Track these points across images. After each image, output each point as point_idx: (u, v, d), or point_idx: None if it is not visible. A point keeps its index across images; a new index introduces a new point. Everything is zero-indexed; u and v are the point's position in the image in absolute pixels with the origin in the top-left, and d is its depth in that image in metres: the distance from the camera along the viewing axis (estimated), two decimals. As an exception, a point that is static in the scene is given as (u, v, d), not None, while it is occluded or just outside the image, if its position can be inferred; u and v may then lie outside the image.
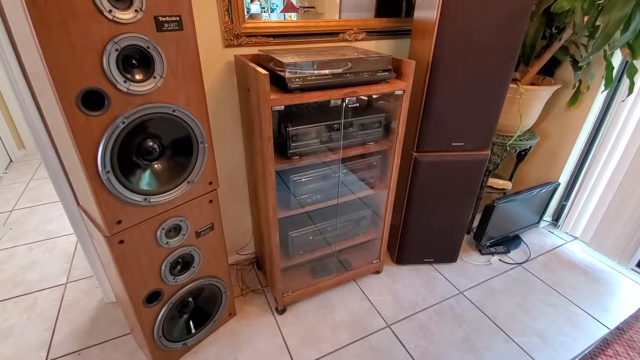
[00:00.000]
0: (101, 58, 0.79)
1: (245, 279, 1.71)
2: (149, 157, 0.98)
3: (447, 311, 1.55)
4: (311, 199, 1.35)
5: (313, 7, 1.43)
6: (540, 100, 1.67)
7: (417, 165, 1.48)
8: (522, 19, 1.22)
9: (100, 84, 0.80)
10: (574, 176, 1.97)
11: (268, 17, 1.35)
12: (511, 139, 1.69)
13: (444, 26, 1.21)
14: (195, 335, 1.34)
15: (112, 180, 0.89)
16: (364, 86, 1.18)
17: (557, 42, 1.58)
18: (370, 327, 1.48)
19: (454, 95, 1.34)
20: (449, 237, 1.72)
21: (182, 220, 1.11)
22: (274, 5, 1.36)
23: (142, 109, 0.88)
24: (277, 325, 1.47)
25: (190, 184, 1.08)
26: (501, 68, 1.30)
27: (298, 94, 1.08)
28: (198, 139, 1.04)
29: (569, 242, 2.02)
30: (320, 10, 1.44)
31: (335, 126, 1.25)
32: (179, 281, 1.19)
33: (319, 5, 1.43)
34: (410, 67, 1.21)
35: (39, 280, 1.70)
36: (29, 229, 2.08)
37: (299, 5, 1.39)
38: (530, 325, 1.51)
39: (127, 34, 0.81)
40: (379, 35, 1.56)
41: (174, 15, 0.88)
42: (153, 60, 0.88)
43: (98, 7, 0.75)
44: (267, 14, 1.35)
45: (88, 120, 0.81)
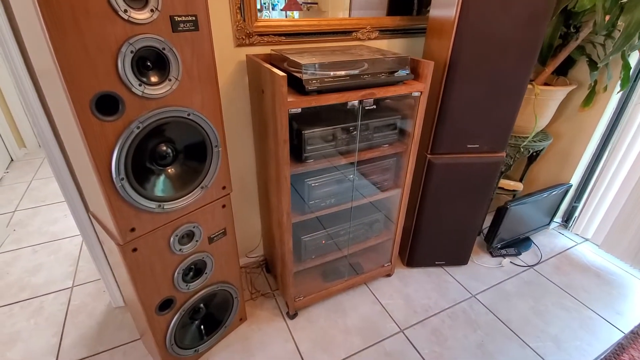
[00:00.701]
0: (116, 60, 0.75)
1: (255, 283, 1.68)
2: (162, 162, 0.94)
3: (460, 315, 1.54)
4: (325, 203, 1.32)
5: (316, 2, 1.38)
6: (555, 101, 1.63)
7: (431, 167, 1.45)
8: (544, 17, 1.19)
9: (115, 87, 0.77)
10: (585, 177, 1.94)
11: (269, 15, 1.31)
12: (525, 140, 1.66)
13: (463, 25, 1.17)
14: (207, 342, 1.32)
15: (126, 187, 0.85)
16: (381, 87, 1.15)
17: (574, 42, 1.55)
18: (383, 332, 1.45)
19: (471, 95, 1.31)
20: (460, 240, 1.70)
21: (195, 226, 1.08)
22: (275, 1, 1.31)
23: (157, 113, 0.85)
24: (288, 330, 1.45)
25: (204, 189, 1.05)
26: (520, 68, 1.27)
27: (315, 96, 1.05)
28: (212, 143, 1.01)
29: (580, 244, 2.00)
30: (323, 8, 1.39)
31: (350, 128, 1.22)
32: (192, 288, 1.16)
33: (322, 2, 1.38)
34: (428, 68, 1.18)
35: (44, 284, 1.67)
36: (33, 230, 2.05)
37: (302, 1, 1.34)
38: (544, 330, 1.49)
39: (142, 35, 0.77)
40: (392, 34, 1.52)
41: (189, 15, 0.84)
42: (168, 62, 0.84)
43: (113, 7, 0.72)
44: (269, 12, 1.30)
45: (102, 126, 0.78)
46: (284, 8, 1.33)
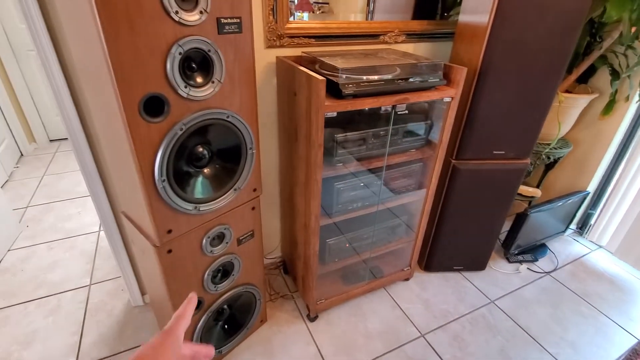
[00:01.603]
0: (165, 62, 0.74)
1: (273, 284, 1.68)
2: (198, 163, 0.94)
3: (480, 321, 1.54)
4: (351, 206, 1.32)
5: (327, 2, 1.36)
6: (577, 109, 1.64)
7: (456, 173, 1.45)
8: (577, 25, 1.19)
9: (162, 89, 0.76)
10: (602, 185, 1.95)
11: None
12: (546, 147, 1.67)
13: (496, 31, 1.17)
14: (230, 343, 1.31)
15: (167, 189, 0.85)
16: (415, 92, 1.14)
17: (598, 51, 1.56)
18: (404, 336, 1.45)
19: (500, 102, 1.31)
20: (479, 245, 1.70)
21: (226, 227, 1.08)
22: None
23: (200, 115, 0.84)
24: (309, 332, 1.45)
25: (237, 191, 1.04)
26: (550, 76, 1.27)
27: (351, 100, 1.05)
28: (247, 145, 1.01)
29: (594, 251, 2.01)
30: (335, 10, 1.38)
31: (381, 133, 1.22)
32: (219, 289, 1.16)
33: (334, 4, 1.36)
34: (461, 74, 1.18)
35: (61, 282, 1.66)
36: (47, 226, 2.03)
37: (313, 0, 1.33)
38: (563, 336, 1.50)
39: (191, 37, 0.76)
40: (419, 38, 1.52)
41: (235, 17, 0.83)
42: (212, 64, 0.83)
43: (165, 8, 0.71)
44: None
45: (148, 127, 0.77)
46: (295, 8, 1.31)
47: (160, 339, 0.38)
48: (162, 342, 0.37)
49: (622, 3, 1.32)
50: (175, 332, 0.39)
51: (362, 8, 1.43)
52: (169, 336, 0.38)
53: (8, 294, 1.59)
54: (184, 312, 0.42)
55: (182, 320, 0.41)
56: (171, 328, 0.40)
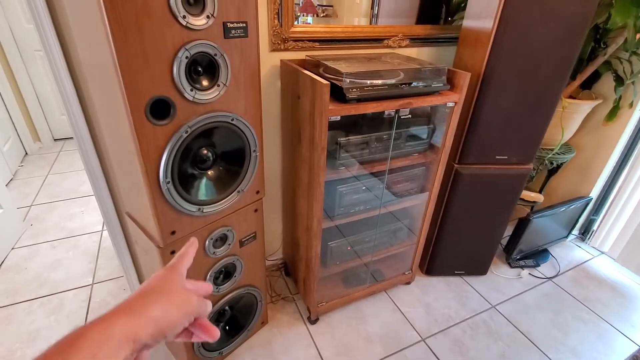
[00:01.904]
0: (171, 65, 0.75)
1: (274, 286, 1.68)
2: (202, 165, 0.95)
3: (481, 326, 1.54)
4: (354, 209, 1.32)
5: (331, 5, 1.37)
6: (580, 114, 1.64)
7: (458, 177, 1.45)
8: (581, 32, 1.19)
9: (168, 92, 0.77)
10: (605, 191, 1.95)
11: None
12: (549, 152, 1.67)
13: (500, 37, 1.18)
14: (231, 344, 1.32)
15: (172, 191, 0.86)
16: (418, 97, 1.15)
17: (602, 57, 1.56)
18: (404, 340, 1.45)
19: (504, 107, 1.31)
20: (481, 250, 1.70)
21: (229, 229, 1.09)
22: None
23: (205, 118, 0.85)
24: (310, 335, 1.45)
25: (240, 194, 1.05)
26: (554, 81, 1.27)
27: (354, 105, 1.05)
28: (251, 148, 1.01)
29: (596, 257, 2.00)
30: (339, 13, 1.38)
31: (384, 137, 1.22)
32: (221, 291, 1.16)
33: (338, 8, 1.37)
34: (464, 79, 1.18)
35: (64, 280, 1.67)
36: (50, 225, 2.05)
37: (317, 3, 1.33)
38: (564, 342, 1.50)
39: (198, 41, 0.77)
40: (422, 42, 1.52)
41: (241, 22, 0.84)
42: (218, 68, 0.84)
43: (173, 12, 0.72)
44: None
45: (154, 130, 0.78)
46: (299, 10, 1.32)
47: (165, 272, 0.39)
48: (167, 275, 0.39)
49: (627, 9, 1.32)
50: (179, 269, 0.40)
51: (366, 12, 1.44)
52: (173, 271, 0.39)
53: (12, 292, 1.61)
54: (186, 252, 0.43)
55: (185, 259, 0.42)
56: (174, 265, 0.41)
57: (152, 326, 0.32)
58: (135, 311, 0.33)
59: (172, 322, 0.35)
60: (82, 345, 0.28)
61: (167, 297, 0.36)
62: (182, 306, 0.36)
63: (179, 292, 0.37)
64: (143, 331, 0.31)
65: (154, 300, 0.34)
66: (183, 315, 0.36)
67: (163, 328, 0.33)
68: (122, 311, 0.32)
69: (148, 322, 0.32)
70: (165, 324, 0.34)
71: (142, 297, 0.35)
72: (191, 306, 0.37)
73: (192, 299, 0.37)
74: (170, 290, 0.37)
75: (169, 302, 0.35)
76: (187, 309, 0.36)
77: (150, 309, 0.33)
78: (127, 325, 0.31)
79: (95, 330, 0.29)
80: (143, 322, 0.32)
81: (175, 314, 0.35)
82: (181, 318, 0.36)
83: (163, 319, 0.34)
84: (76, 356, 0.27)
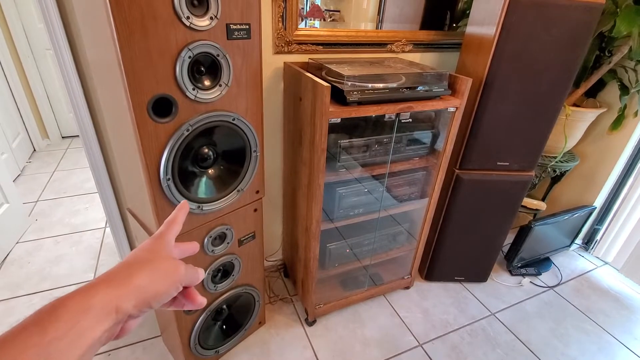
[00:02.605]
0: (174, 65, 0.77)
1: (273, 287, 1.69)
2: (203, 164, 0.96)
3: (479, 333, 1.52)
4: (353, 212, 1.33)
5: (338, 10, 1.39)
6: (584, 122, 1.63)
7: (459, 182, 1.45)
8: (584, 40, 1.19)
9: (171, 91, 0.79)
10: (609, 201, 1.93)
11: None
12: (552, 160, 1.66)
13: (503, 43, 1.18)
14: (228, 343, 1.32)
15: (172, 188, 0.87)
16: (419, 101, 1.16)
17: (607, 65, 1.55)
18: (401, 345, 1.45)
19: (505, 113, 1.31)
20: (481, 257, 1.69)
21: (228, 228, 1.10)
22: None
23: (206, 117, 0.87)
24: (307, 337, 1.45)
25: (240, 193, 1.06)
26: (556, 89, 1.27)
27: (355, 107, 1.06)
28: (252, 148, 1.03)
29: (600, 267, 1.98)
30: (346, 18, 1.40)
31: (384, 140, 1.23)
32: (219, 289, 1.17)
33: (345, 12, 1.38)
34: (466, 84, 1.19)
35: (66, 275, 1.69)
36: (55, 221, 2.08)
37: (324, 8, 1.35)
38: (564, 352, 1.48)
39: (200, 41, 0.79)
40: (426, 47, 1.53)
41: (244, 24, 0.86)
42: (221, 68, 0.86)
43: (177, 13, 0.74)
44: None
45: (156, 127, 0.79)
46: (306, 15, 1.34)
47: (152, 241, 0.38)
48: (153, 244, 0.37)
49: (631, 18, 1.32)
50: (166, 237, 0.39)
51: (372, 17, 1.45)
52: (160, 240, 0.38)
53: (14, 285, 1.63)
54: (175, 218, 0.41)
55: (174, 225, 0.41)
56: (162, 233, 0.39)
57: (135, 296, 0.31)
58: (118, 281, 0.31)
59: (158, 292, 0.33)
60: (61, 315, 0.27)
61: (152, 266, 0.34)
62: (168, 275, 0.35)
63: (165, 261, 0.36)
64: (126, 301, 0.31)
65: (138, 270, 0.33)
66: (170, 285, 0.35)
67: (148, 298, 0.32)
68: (103, 282, 0.31)
69: (131, 292, 0.31)
70: (150, 294, 0.33)
71: (125, 267, 0.33)
72: (178, 274, 0.35)
73: (180, 268, 0.36)
74: (156, 259, 0.35)
75: (154, 271, 0.34)
76: (174, 277, 0.35)
77: (134, 279, 0.32)
78: (108, 295, 0.30)
79: (74, 300, 0.28)
80: (125, 292, 0.31)
81: (161, 283, 0.34)
82: (167, 287, 0.34)
83: (148, 288, 0.33)
84: (54, 326, 0.26)
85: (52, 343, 0.25)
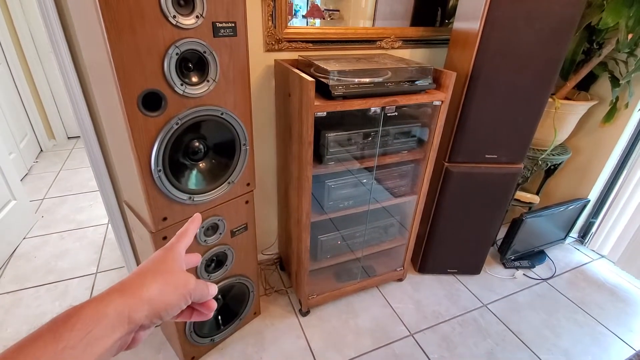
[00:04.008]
0: (162, 61, 0.81)
1: (269, 279, 1.73)
2: (194, 157, 1.00)
3: (470, 323, 1.55)
4: (343, 204, 1.36)
5: (338, 10, 1.42)
6: (575, 115, 1.64)
7: (448, 175, 1.48)
8: (567, 33, 1.21)
9: (159, 86, 0.83)
10: (604, 193, 1.93)
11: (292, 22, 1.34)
12: (543, 153, 1.67)
13: (487, 38, 1.21)
14: (223, 332, 1.37)
15: (163, 179, 0.92)
16: (404, 95, 1.19)
17: (597, 58, 1.56)
18: (393, 334, 1.48)
19: (492, 107, 1.33)
20: (474, 249, 1.71)
21: (220, 219, 1.14)
22: (297, 7, 1.35)
23: (195, 111, 0.91)
24: (300, 327, 1.49)
25: (231, 185, 1.10)
26: (541, 82, 1.29)
27: (340, 101, 1.10)
28: (241, 141, 1.07)
29: (596, 260, 1.98)
30: (345, 17, 1.43)
31: (371, 134, 1.26)
32: (213, 278, 1.22)
33: (345, 11, 1.42)
34: (450, 78, 1.22)
35: (70, 269, 1.76)
36: (60, 217, 2.15)
37: (323, 7, 1.38)
38: (555, 343, 1.49)
39: (187, 39, 0.83)
40: (415, 43, 1.56)
41: (230, 22, 0.90)
42: (208, 65, 0.90)
43: (164, 13, 0.78)
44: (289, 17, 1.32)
45: (146, 121, 0.84)
46: (306, 14, 1.37)
47: (163, 252, 0.39)
48: (165, 255, 0.38)
49: (618, 10, 1.33)
50: (177, 249, 0.40)
51: (370, 15, 1.49)
52: (171, 251, 0.39)
53: (22, 278, 1.70)
54: (186, 230, 0.42)
55: (184, 238, 0.41)
56: (172, 244, 0.40)
57: (147, 307, 0.32)
58: (131, 291, 0.32)
59: (168, 304, 0.34)
60: (75, 323, 0.28)
61: (164, 279, 0.35)
62: (178, 288, 0.36)
63: (175, 273, 0.37)
64: (138, 311, 0.31)
65: (150, 281, 0.34)
66: (180, 298, 0.35)
67: (158, 309, 0.33)
68: (117, 291, 0.32)
69: (143, 303, 0.32)
70: (161, 305, 0.33)
71: (138, 278, 0.34)
72: (187, 288, 0.36)
73: (190, 281, 0.37)
74: (167, 271, 0.36)
75: (165, 284, 0.35)
76: (184, 291, 0.36)
77: (146, 290, 0.33)
78: (121, 304, 0.31)
79: (89, 308, 0.29)
80: (138, 302, 0.32)
81: (171, 296, 0.35)
82: (178, 300, 0.35)
83: (159, 300, 0.33)
84: (69, 334, 0.27)
85: (65, 351, 0.27)
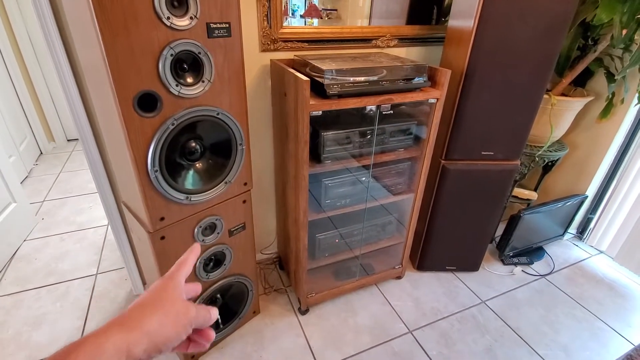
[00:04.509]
0: (157, 62, 0.82)
1: (268, 278, 1.74)
2: (191, 157, 1.01)
3: (469, 320, 1.55)
4: (340, 202, 1.37)
5: (335, 9, 1.43)
6: (571, 112, 1.65)
7: (445, 173, 1.48)
8: (561, 29, 1.21)
9: (155, 87, 0.84)
10: (601, 189, 1.94)
11: (289, 22, 1.35)
12: (540, 149, 1.68)
13: (481, 35, 1.21)
14: (222, 331, 1.38)
15: (159, 179, 0.92)
16: (399, 94, 1.19)
17: (592, 54, 1.57)
18: (391, 332, 1.48)
19: (487, 104, 1.34)
20: (472, 246, 1.71)
21: (217, 219, 1.15)
22: (295, 7, 1.36)
23: (190, 111, 0.92)
24: (300, 325, 1.50)
25: (228, 184, 1.11)
26: (536, 78, 1.29)
27: (335, 100, 1.10)
28: (237, 141, 1.07)
29: (594, 256, 1.99)
30: (343, 16, 1.44)
31: (367, 132, 1.27)
32: (211, 278, 1.22)
33: (342, 10, 1.43)
34: (445, 76, 1.22)
35: (70, 270, 1.77)
36: (60, 219, 2.16)
37: (321, 7, 1.39)
38: (554, 339, 1.50)
39: (182, 40, 0.84)
40: (411, 42, 1.57)
41: (224, 22, 0.91)
42: (203, 65, 0.91)
43: (158, 14, 0.79)
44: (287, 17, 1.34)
45: (142, 121, 0.85)
46: (304, 14, 1.38)
47: (163, 281, 0.39)
48: (165, 285, 0.38)
49: (612, 6, 1.34)
50: (176, 278, 0.40)
51: (367, 14, 1.49)
52: (171, 280, 0.39)
53: (22, 280, 1.71)
54: (185, 259, 0.43)
55: (184, 267, 0.42)
56: (172, 273, 0.40)
57: (146, 340, 0.33)
58: (130, 325, 0.33)
59: (167, 337, 0.34)
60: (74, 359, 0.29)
61: (164, 310, 0.35)
62: (179, 319, 0.36)
63: (176, 302, 0.37)
64: (137, 345, 0.32)
65: (150, 314, 0.34)
66: (180, 329, 0.36)
67: (158, 343, 0.33)
68: (117, 324, 0.32)
69: (142, 337, 0.32)
70: (160, 339, 0.34)
71: (138, 310, 0.35)
72: (187, 318, 0.36)
73: (190, 311, 0.37)
74: (168, 299, 0.36)
75: (165, 316, 0.35)
76: (184, 321, 0.36)
77: (146, 323, 0.33)
78: (120, 339, 0.31)
79: (89, 344, 0.30)
80: (137, 337, 0.32)
81: (170, 328, 0.35)
82: (177, 333, 0.35)
83: (158, 333, 0.34)
84: None
85: None
